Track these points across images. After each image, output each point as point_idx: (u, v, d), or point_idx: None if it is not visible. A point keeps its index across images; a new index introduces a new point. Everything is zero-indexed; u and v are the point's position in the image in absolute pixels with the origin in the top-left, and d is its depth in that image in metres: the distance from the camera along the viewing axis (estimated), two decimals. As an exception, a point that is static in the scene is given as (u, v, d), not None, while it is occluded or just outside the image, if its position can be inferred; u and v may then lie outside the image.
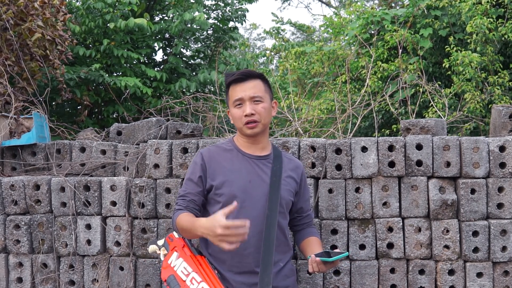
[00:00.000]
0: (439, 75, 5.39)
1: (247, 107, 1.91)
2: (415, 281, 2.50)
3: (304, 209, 2.11)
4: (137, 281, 2.62)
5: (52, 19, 3.78)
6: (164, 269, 1.91)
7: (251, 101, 1.92)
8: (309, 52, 6.96)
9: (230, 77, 1.96)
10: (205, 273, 1.82)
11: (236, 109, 1.94)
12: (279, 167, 1.97)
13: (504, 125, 2.80)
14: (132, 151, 2.80)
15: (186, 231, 1.85)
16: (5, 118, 3.01)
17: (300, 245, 2.11)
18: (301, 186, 2.07)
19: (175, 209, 1.95)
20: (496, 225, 2.47)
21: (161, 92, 5.85)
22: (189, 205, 1.92)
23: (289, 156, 2.10)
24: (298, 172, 2.06)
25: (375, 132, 3.42)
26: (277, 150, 2.05)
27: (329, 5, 14.48)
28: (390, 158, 2.54)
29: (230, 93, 1.97)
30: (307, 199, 2.14)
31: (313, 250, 1.99)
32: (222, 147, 2.03)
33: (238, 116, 1.94)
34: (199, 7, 6.07)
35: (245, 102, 1.92)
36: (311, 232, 2.12)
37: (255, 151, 2.00)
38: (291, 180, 2.01)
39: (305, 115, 4.03)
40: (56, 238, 2.67)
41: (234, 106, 1.94)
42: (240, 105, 1.93)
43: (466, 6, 4.83)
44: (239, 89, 1.93)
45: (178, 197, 1.97)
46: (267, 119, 1.97)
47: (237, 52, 13.08)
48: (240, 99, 1.92)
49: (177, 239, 1.98)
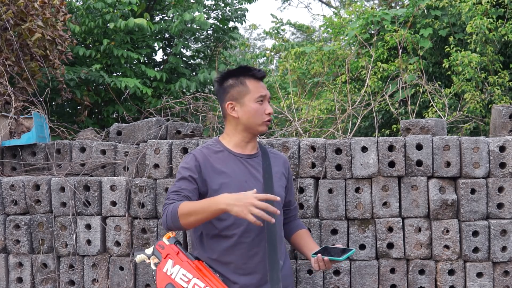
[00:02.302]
0: (439, 75, 5.39)
1: (268, 106, 1.94)
2: (415, 281, 2.50)
3: (292, 202, 2.14)
4: (137, 281, 2.62)
5: (52, 19, 3.78)
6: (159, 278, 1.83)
7: (267, 101, 1.95)
8: (309, 52, 6.96)
9: (253, 71, 1.93)
10: (207, 277, 1.76)
11: (257, 104, 1.92)
12: (268, 164, 1.97)
13: (504, 125, 2.80)
14: (132, 151, 2.80)
15: (194, 212, 1.73)
16: (5, 118, 3.01)
17: (291, 238, 2.12)
18: (289, 180, 2.09)
19: (167, 203, 1.83)
20: (496, 225, 2.47)
21: (161, 92, 5.85)
22: (183, 200, 1.82)
23: (273, 151, 2.09)
24: (286, 166, 2.08)
25: (375, 132, 3.42)
26: (263, 147, 2.05)
27: (329, 5, 14.48)
28: (390, 158, 2.54)
29: (252, 87, 1.92)
30: (293, 191, 2.18)
31: (308, 245, 2.01)
32: (211, 148, 1.95)
33: (260, 112, 1.91)
34: (199, 7, 6.07)
35: (265, 101, 1.94)
36: (299, 225, 2.14)
37: (245, 150, 1.97)
38: (281, 175, 2.02)
39: (305, 115, 4.03)
40: (56, 238, 2.67)
41: (257, 101, 1.92)
42: (262, 101, 1.93)
43: (466, 6, 4.82)
44: (261, 86, 1.94)
45: (171, 192, 1.86)
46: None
47: (237, 52, 13.08)
48: (264, 96, 1.93)
49: (168, 246, 1.87)
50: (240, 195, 1.66)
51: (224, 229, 1.86)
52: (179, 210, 1.76)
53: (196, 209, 1.74)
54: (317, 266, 1.86)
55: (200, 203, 1.75)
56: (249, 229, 1.86)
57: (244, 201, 1.63)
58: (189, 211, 1.75)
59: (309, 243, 2.03)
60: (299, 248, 2.09)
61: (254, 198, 1.63)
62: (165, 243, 1.88)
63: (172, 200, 1.83)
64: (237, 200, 1.65)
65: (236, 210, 1.64)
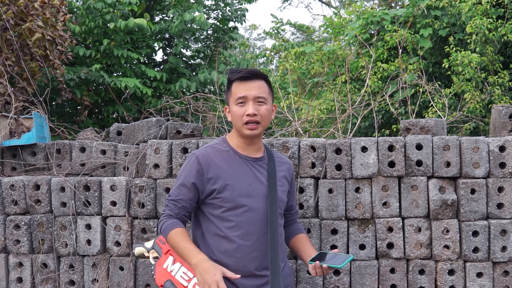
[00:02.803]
0: (439, 75, 5.39)
1: (250, 106, 1.86)
2: (415, 281, 2.50)
3: (293, 206, 2.15)
4: (137, 281, 2.62)
5: (52, 19, 3.78)
6: (158, 274, 1.85)
7: (255, 101, 1.87)
8: (309, 52, 6.96)
9: (236, 73, 1.90)
10: None
11: (237, 107, 1.88)
12: (273, 168, 1.97)
13: (504, 125, 2.80)
14: (132, 151, 2.80)
15: (175, 249, 1.85)
16: (5, 118, 3.01)
17: (290, 242, 2.13)
18: (291, 185, 2.09)
19: (165, 214, 1.90)
20: (496, 225, 2.47)
21: (161, 92, 5.85)
22: (180, 212, 1.89)
23: (278, 155, 2.09)
24: (290, 171, 2.08)
25: (375, 132, 3.42)
26: (269, 151, 2.04)
27: (329, 5, 14.48)
28: (390, 158, 2.54)
29: (233, 90, 1.90)
30: (295, 196, 2.18)
31: (306, 250, 2.02)
32: (217, 148, 1.95)
33: (239, 115, 1.87)
34: (199, 7, 6.07)
35: (249, 102, 1.87)
36: (298, 229, 2.15)
37: (251, 152, 1.96)
38: (284, 180, 2.02)
39: (305, 115, 4.03)
40: (56, 238, 2.67)
41: (236, 103, 1.88)
42: (243, 103, 1.87)
43: (466, 6, 4.83)
44: (244, 87, 1.88)
45: (169, 200, 1.91)
46: (267, 122, 1.93)
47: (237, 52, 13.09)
48: (244, 97, 1.87)
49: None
50: (210, 271, 1.71)
51: (225, 229, 1.86)
52: (168, 238, 1.87)
53: (179, 249, 1.82)
54: (314, 272, 1.88)
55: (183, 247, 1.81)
56: (249, 232, 1.86)
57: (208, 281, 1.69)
58: (173, 245, 1.85)
59: (307, 249, 2.04)
60: (297, 253, 2.10)
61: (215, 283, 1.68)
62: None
63: (170, 212, 1.90)
64: (205, 273, 1.70)
65: (198, 279, 1.72)
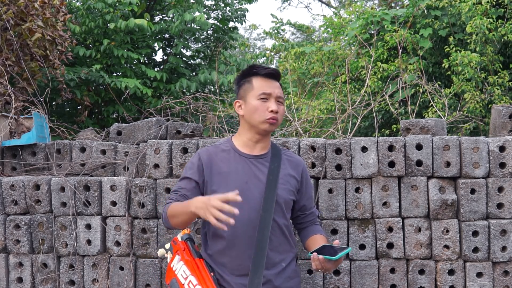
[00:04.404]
0: (439, 75, 5.39)
1: (273, 104, 1.92)
2: (415, 281, 2.50)
3: (307, 207, 2.07)
4: (137, 281, 2.62)
5: (52, 19, 3.79)
6: (167, 273, 1.92)
7: (276, 100, 1.93)
8: (309, 52, 6.96)
9: (262, 69, 1.95)
10: (201, 276, 1.82)
11: (260, 101, 1.92)
12: (277, 166, 1.95)
13: (504, 125, 2.81)
14: (132, 151, 2.80)
15: (176, 214, 1.83)
16: (5, 118, 3.01)
17: (305, 243, 2.06)
18: (302, 184, 2.03)
19: (167, 203, 1.93)
20: (496, 225, 2.47)
21: (161, 92, 5.85)
22: (180, 199, 1.90)
23: (289, 153, 2.07)
24: (299, 169, 2.03)
25: (375, 132, 3.42)
26: (276, 149, 2.02)
27: (329, 5, 14.49)
28: (390, 158, 2.54)
29: (256, 84, 1.94)
30: (310, 196, 2.09)
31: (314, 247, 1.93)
32: (220, 147, 1.99)
33: (262, 109, 1.91)
34: (199, 7, 6.07)
35: (271, 99, 1.92)
36: (315, 230, 2.06)
37: (253, 150, 1.97)
38: (291, 178, 1.98)
39: (305, 115, 4.04)
40: (56, 238, 2.67)
41: (258, 98, 1.92)
42: (266, 99, 1.92)
43: (466, 6, 4.83)
44: (268, 84, 1.94)
45: (172, 192, 1.96)
46: (281, 122, 2.00)
47: (237, 52, 13.09)
48: (269, 94, 1.92)
49: (180, 242, 1.96)
50: (206, 198, 1.69)
51: (217, 229, 1.84)
52: (168, 212, 1.88)
53: (178, 211, 1.82)
54: (314, 266, 1.83)
55: (181, 205, 1.82)
56: (243, 231, 1.85)
57: (207, 204, 1.65)
58: (173, 213, 1.85)
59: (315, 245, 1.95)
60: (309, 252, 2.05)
61: (213, 199, 1.64)
62: (178, 239, 1.99)
63: (170, 200, 1.92)
64: (203, 203, 1.68)
65: (202, 213, 1.68)
